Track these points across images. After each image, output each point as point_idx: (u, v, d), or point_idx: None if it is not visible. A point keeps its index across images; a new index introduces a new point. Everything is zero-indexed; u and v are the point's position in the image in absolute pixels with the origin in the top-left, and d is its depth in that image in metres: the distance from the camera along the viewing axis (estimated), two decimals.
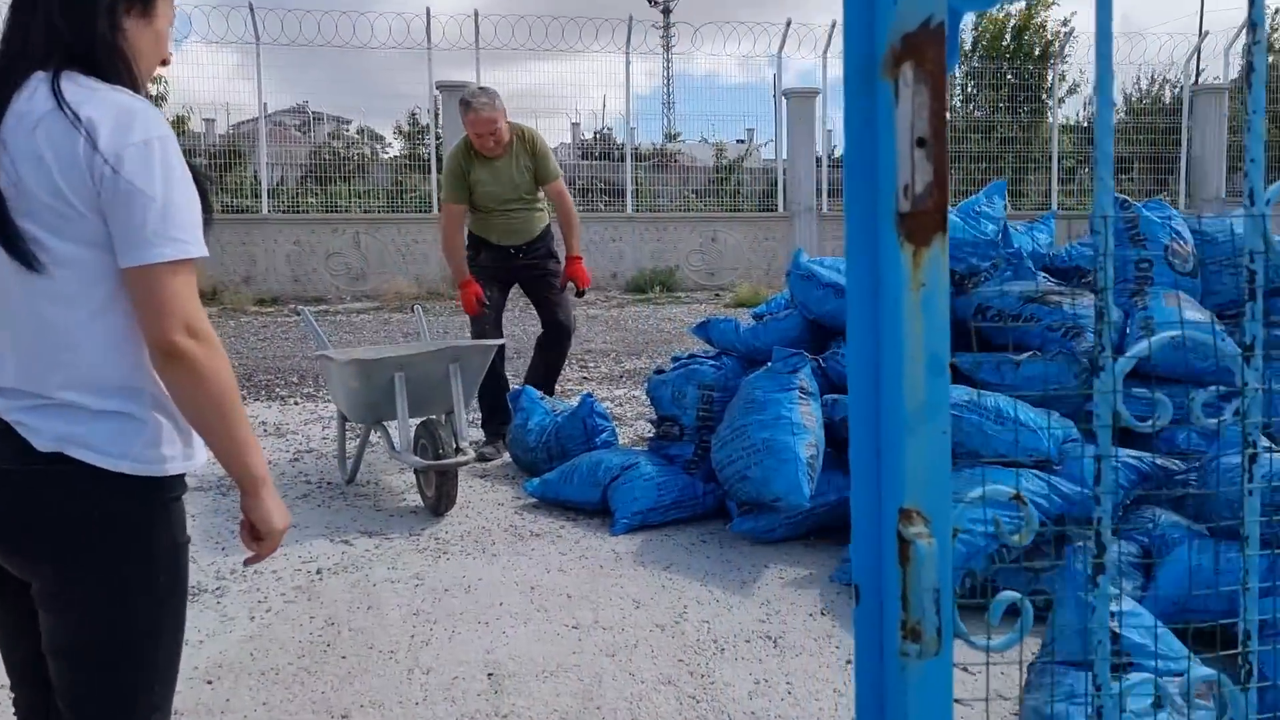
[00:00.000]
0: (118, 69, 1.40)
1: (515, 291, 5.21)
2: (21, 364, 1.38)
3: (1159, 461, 3.25)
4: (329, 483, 4.44)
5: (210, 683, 2.60)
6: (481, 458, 4.64)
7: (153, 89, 15.79)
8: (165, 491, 1.45)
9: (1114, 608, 2.34)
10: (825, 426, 3.53)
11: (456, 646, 2.79)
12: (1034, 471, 3.08)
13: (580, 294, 5.03)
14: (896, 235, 0.87)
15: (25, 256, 1.33)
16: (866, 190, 0.90)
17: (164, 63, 1.53)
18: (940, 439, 0.89)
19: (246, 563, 1.63)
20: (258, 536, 1.52)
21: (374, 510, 4.03)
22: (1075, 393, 3.67)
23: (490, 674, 2.64)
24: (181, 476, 1.50)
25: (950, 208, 3.32)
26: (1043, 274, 4.36)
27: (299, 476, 4.56)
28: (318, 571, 3.34)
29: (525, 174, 4.82)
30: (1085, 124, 18.28)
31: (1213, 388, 1.65)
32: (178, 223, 1.34)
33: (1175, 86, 18.01)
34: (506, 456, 4.78)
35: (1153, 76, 18.05)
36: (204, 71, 20.27)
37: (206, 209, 1.45)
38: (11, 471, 1.37)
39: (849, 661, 2.70)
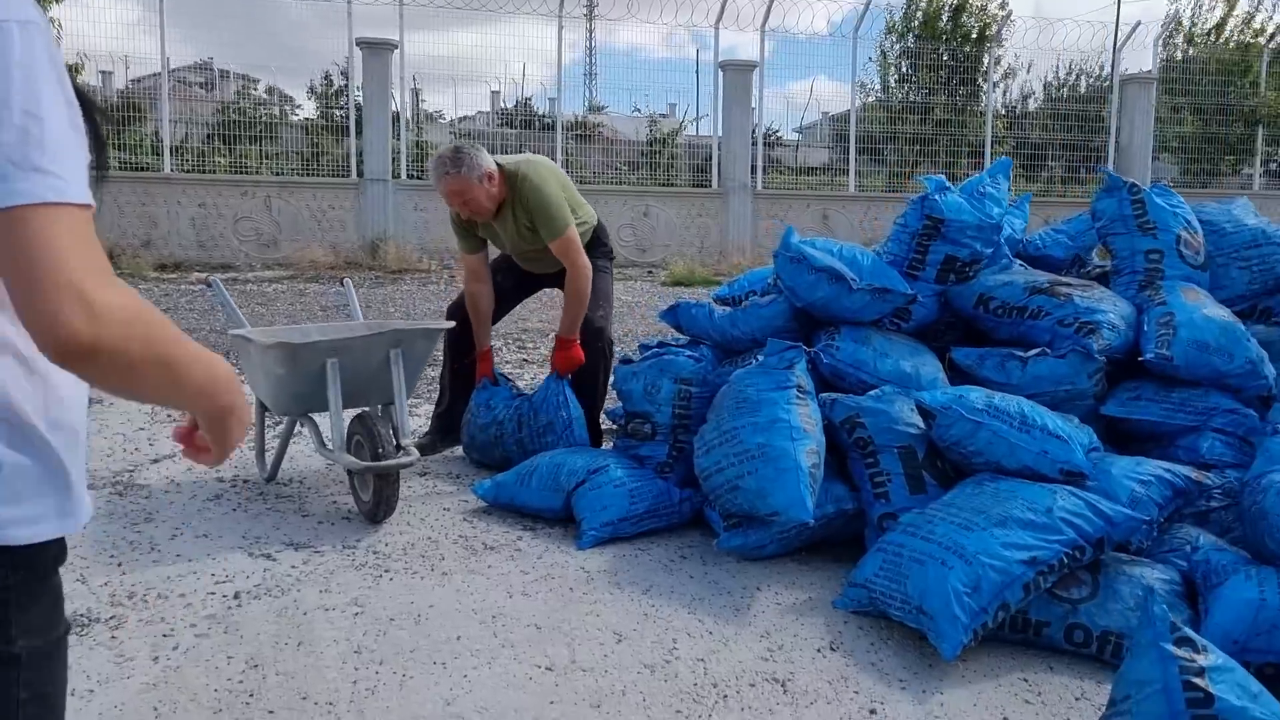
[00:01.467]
0: None
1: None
2: None
3: (1192, 475, 2.94)
4: (245, 481, 3.89)
5: None
6: (422, 449, 4.00)
7: None
8: (32, 566, 0.97)
9: (1201, 660, 2.00)
10: (824, 429, 3.14)
11: (409, 695, 2.32)
12: (1068, 488, 2.73)
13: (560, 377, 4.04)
14: None
15: None
16: None
17: None
18: None
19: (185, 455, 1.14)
20: (205, 447, 1.10)
21: (300, 515, 3.51)
22: (1089, 395, 3.36)
23: None
24: (60, 541, 1.00)
25: (949, 186, 2.89)
26: (1019, 262, 4.04)
27: (209, 473, 3.98)
28: (235, 596, 2.82)
29: (524, 229, 4.03)
30: (1016, 110, 18.33)
31: None
32: (51, 152, 0.86)
33: (1092, 77, 18.17)
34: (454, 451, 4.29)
35: (1070, 66, 18.16)
36: (102, 17, 18.90)
37: (98, 148, 0.97)
38: None
39: (872, 711, 2.32)
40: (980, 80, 17.19)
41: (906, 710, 2.32)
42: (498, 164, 3.94)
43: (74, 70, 14.95)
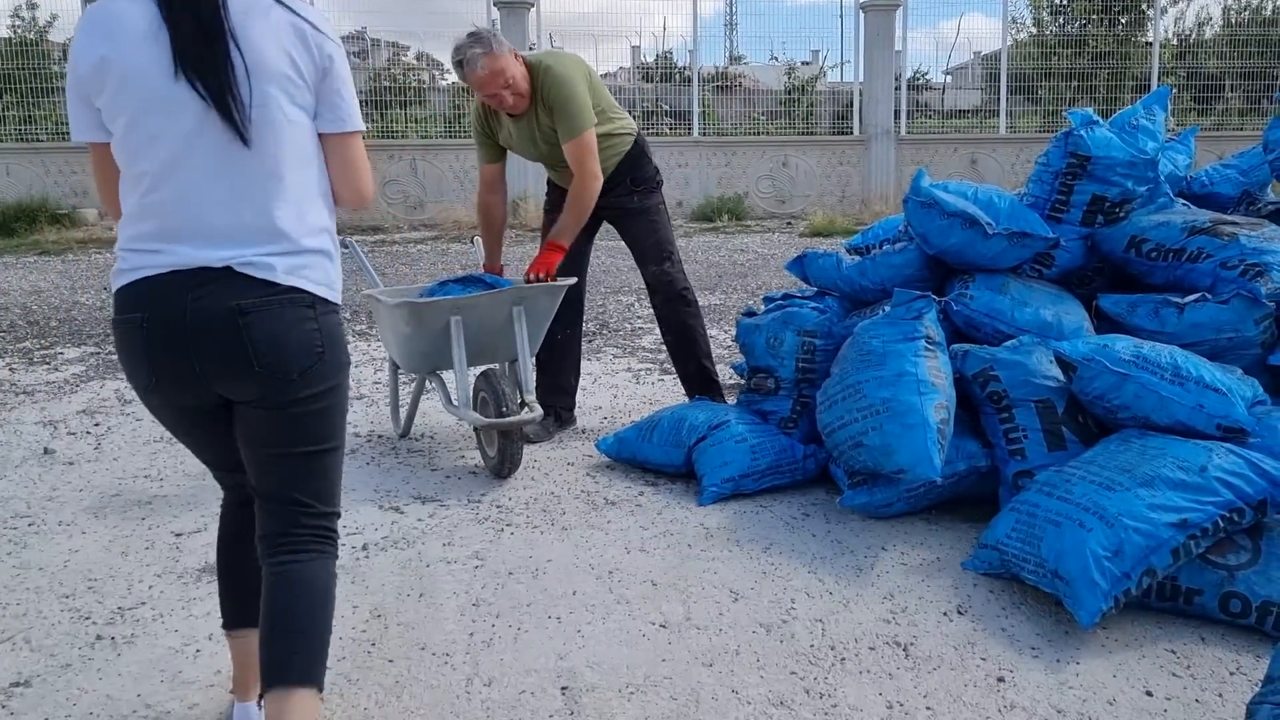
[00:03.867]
0: None
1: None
2: (233, 223, 1.66)
3: None
4: (380, 436, 4.01)
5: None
6: (526, 439, 3.76)
7: None
8: (341, 313, 1.82)
9: None
10: (955, 383, 2.98)
11: (523, 649, 2.34)
12: (1226, 446, 2.51)
13: (536, 279, 3.64)
14: None
15: (245, 129, 1.63)
16: None
17: None
18: None
19: None
20: None
21: (429, 470, 3.59)
22: (1255, 344, 3.07)
23: (564, 687, 2.18)
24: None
25: (1098, 120, 2.64)
26: (1180, 201, 3.71)
27: (347, 428, 4.13)
28: (364, 547, 2.91)
29: (549, 131, 3.66)
30: (1189, 39, 16.99)
31: None
32: (356, 105, 1.80)
33: None
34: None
35: None
36: None
37: None
38: (257, 303, 1.67)
39: (1000, 679, 2.20)
40: (1145, 7, 15.97)
41: (1037, 679, 2.19)
42: (520, 58, 3.59)
43: None
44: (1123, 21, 15.99)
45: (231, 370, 1.67)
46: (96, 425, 4.23)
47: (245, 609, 1.94)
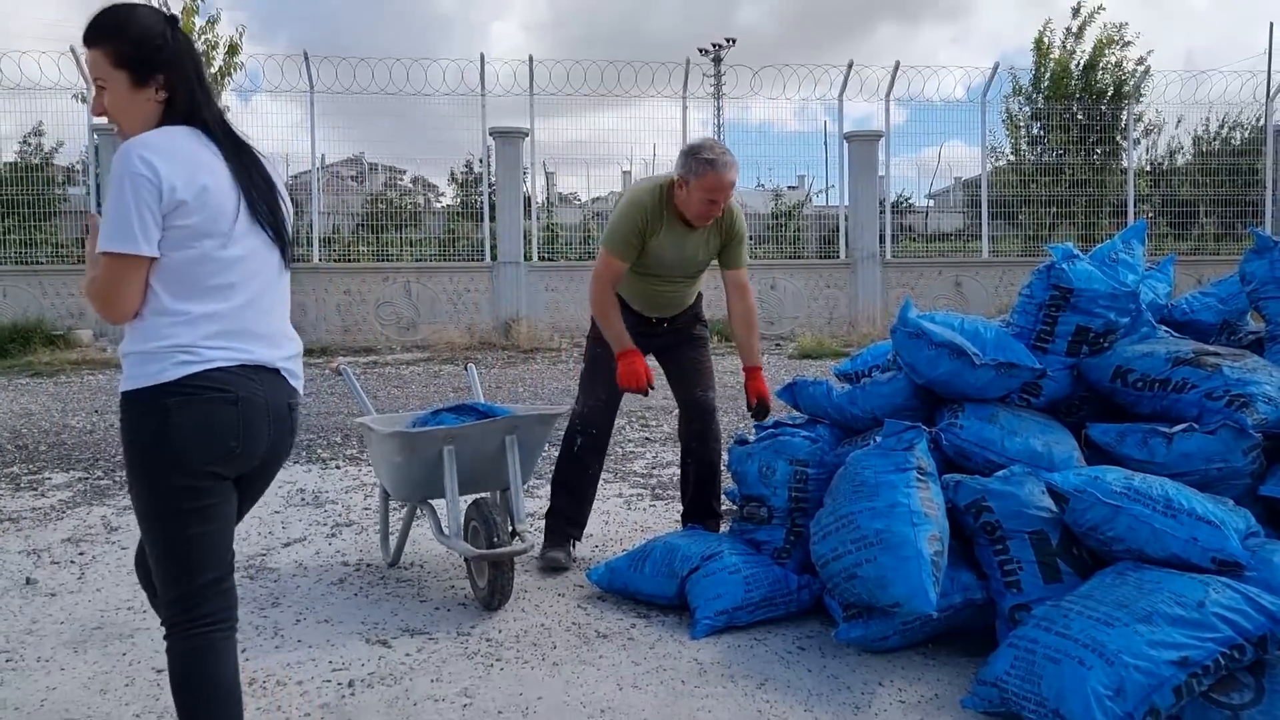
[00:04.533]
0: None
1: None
2: (280, 331, 2.10)
3: None
4: (368, 565, 3.96)
5: None
6: (554, 564, 3.81)
7: None
8: None
9: None
10: (948, 513, 2.98)
11: None
12: (1223, 580, 2.50)
13: (763, 413, 3.92)
14: None
15: (289, 260, 2.14)
16: None
17: None
18: None
19: None
20: None
21: (418, 601, 3.53)
22: (1244, 474, 3.09)
23: None
24: None
25: (1079, 253, 2.71)
26: (1163, 328, 3.79)
27: (335, 556, 4.08)
28: (350, 684, 2.84)
29: (709, 251, 3.93)
30: (1163, 166, 17.55)
31: None
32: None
33: (1246, 129, 17.23)
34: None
35: (1223, 120, 17.26)
36: (268, 122, 20.46)
37: None
38: (295, 402, 2.13)
39: None
40: (1119, 138, 16.56)
41: None
42: None
43: None
44: (1098, 151, 16.55)
45: (281, 452, 2.12)
46: (81, 554, 4.16)
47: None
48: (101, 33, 1.96)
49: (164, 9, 2.08)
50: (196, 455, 1.95)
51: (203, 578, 1.98)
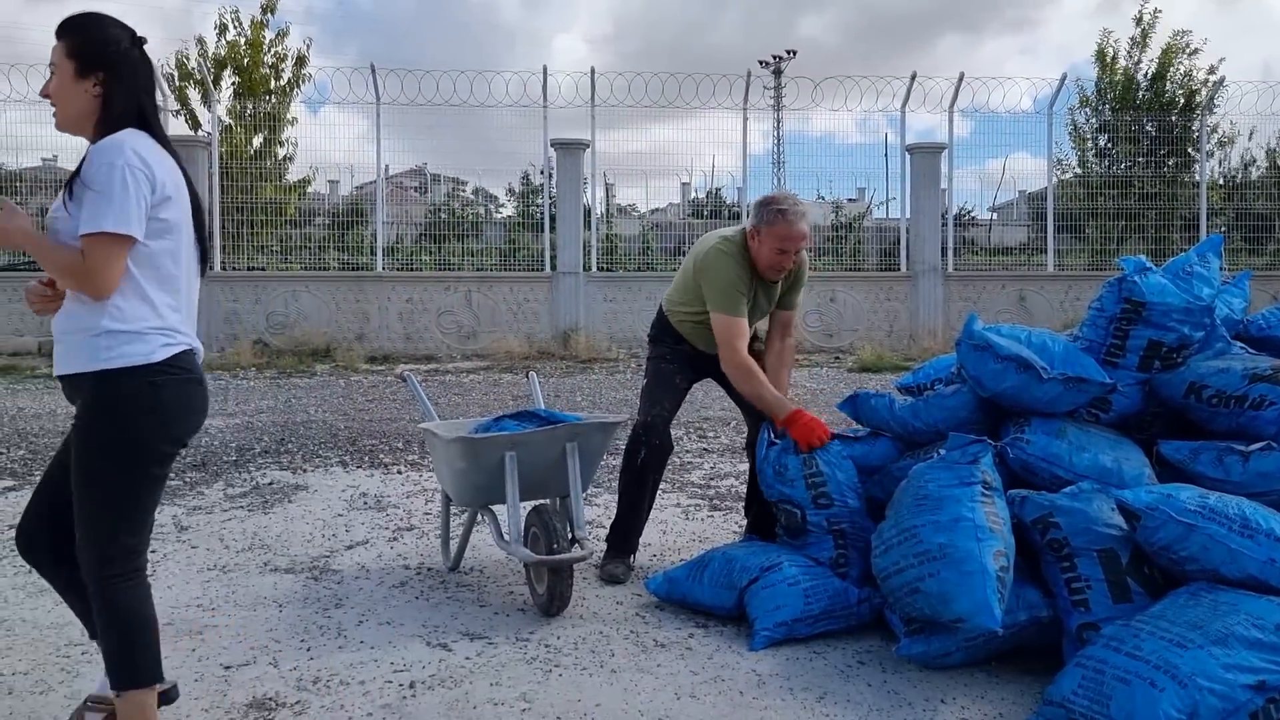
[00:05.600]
0: None
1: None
2: (192, 316, 2.39)
3: None
4: (429, 569, 4.01)
5: None
6: (612, 578, 3.81)
7: (280, 151, 16.31)
8: None
9: None
10: (1013, 529, 2.93)
11: None
12: None
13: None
14: None
15: (206, 261, 2.49)
16: None
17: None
18: None
19: None
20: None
21: (478, 606, 3.57)
22: None
23: None
24: None
25: (1152, 266, 2.65)
26: (1238, 344, 3.68)
27: (397, 560, 4.14)
28: (410, 685, 2.88)
29: (776, 296, 3.99)
30: (1236, 179, 17.10)
31: None
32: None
33: None
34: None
35: None
36: (335, 134, 20.97)
37: None
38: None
39: None
40: (1191, 150, 16.16)
41: None
42: None
43: (304, 182, 16.51)
44: (1169, 163, 16.17)
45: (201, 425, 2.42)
46: (153, 552, 4.27)
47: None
48: (68, 27, 2.28)
49: (133, 30, 2.37)
50: (177, 428, 2.30)
51: (148, 532, 2.34)
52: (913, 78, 14.95)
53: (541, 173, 15.67)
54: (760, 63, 37.07)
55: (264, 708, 2.72)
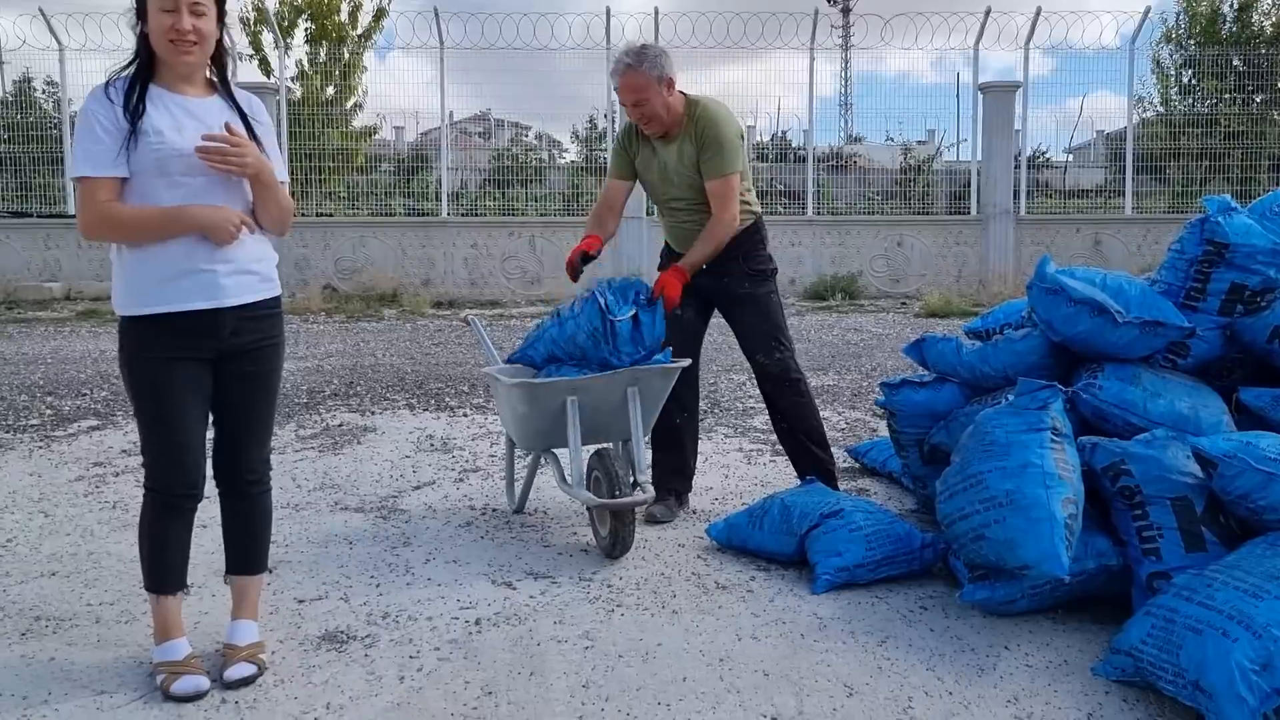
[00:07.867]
0: None
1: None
2: None
3: None
4: (494, 510, 4.07)
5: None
6: (651, 518, 3.82)
7: (349, 99, 16.39)
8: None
9: None
10: (1083, 477, 2.87)
11: None
12: None
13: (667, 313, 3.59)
14: None
15: None
16: None
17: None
18: None
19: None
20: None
21: (542, 546, 3.62)
22: None
23: None
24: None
25: (1235, 206, 2.53)
26: None
27: (463, 500, 4.22)
28: (476, 622, 2.94)
29: (687, 166, 3.72)
30: None
31: None
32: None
33: None
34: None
35: None
36: (401, 79, 21.03)
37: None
38: None
39: None
40: None
41: None
42: (681, 93, 3.74)
43: (371, 129, 16.61)
44: (1257, 100, 15.47)
45: None
46: None
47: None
48: None
49: None
50: None
51: None
52: (987, 13, 14.44)
53: (605, 117, 15.55)
54: (828, 0, 36.15)
55: (336, 640, 2.81)
